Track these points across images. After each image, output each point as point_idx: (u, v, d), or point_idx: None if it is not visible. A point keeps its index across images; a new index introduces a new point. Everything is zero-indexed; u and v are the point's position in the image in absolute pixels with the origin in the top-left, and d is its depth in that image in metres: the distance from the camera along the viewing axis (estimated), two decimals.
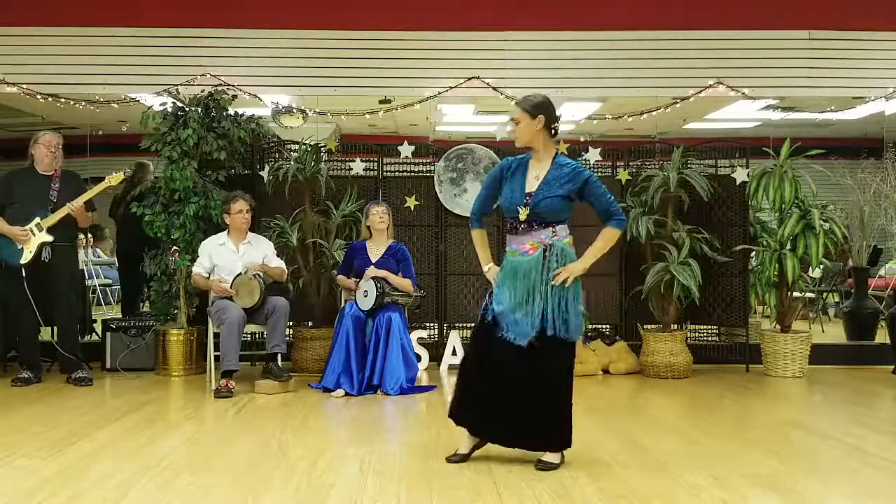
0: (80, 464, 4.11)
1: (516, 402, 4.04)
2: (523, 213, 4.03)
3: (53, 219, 6.22)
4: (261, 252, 6.39)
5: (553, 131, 4.11)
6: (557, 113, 4.12)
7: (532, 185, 4.07)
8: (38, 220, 6.21)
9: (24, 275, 6.18)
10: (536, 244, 4.04)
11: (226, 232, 6.40)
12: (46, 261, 6.22)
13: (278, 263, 6.42)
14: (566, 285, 4.00)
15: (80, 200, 6.25)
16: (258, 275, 6.13)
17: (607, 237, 4.12)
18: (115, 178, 6.42)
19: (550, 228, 4.04)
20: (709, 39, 7.50)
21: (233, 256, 6.31)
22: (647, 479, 3.89)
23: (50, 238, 6.22)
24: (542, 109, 4.05)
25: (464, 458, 4.15)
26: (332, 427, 5.32)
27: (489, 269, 4.24)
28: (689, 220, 6.96)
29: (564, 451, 4.11)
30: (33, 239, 6.20)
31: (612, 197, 4.12)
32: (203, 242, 6.43)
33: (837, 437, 4.83)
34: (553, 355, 4.04)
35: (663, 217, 6.91)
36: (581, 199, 4.09)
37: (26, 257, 6.19)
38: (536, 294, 4.00)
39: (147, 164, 7.78)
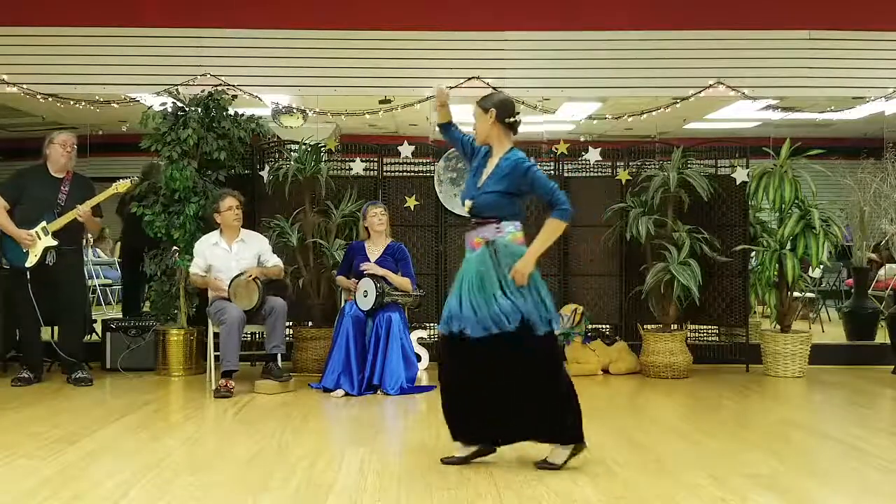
0: (80, 464, 4.11)
1: (508, 400, 3.98)
2: (467, 206, 4.10)
3: (60, 223, 6.21)
4: (255, 250, 6.36)
5: (509, 126, 4.09)
6: (517, 110, 4.12)
7: (482, 180, 4.09)
8: (44, 223, 6.20)
9: (28, 277, 6.18)
10: (481, 240, 4.02)
11: (218, 231, 6.38)
12: (51, 264, 6.21)
13: (275, 262, 6.41)
14: (526, 284, 3.94)
15: (87, 205, 6.23)
16: (257, 278, 6.12)
17: (550, 228, 3.99)
18: (122, 186, 6.38)
19: (494, 225, 4.00)
20: (709, 39, 7.49)
21: (226, 255, 6.29)
22: (647, 480, 3.89)
23: (55, 242, 6.20)
24: (494, 104, 4.09)
25: (462, 461, 4.10)
26: (332, 427, 5.32)
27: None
28: (689, 220, 6.96)
29: (571, 456, 4.02)
30: (39, 243, 6.19)
31: (556, 185, 4.03)
32: (197, 243, 6.41)
33: (837, 437, 4.83)
34: (528, 347, 3.93)
35: (663, 217, 6.91)
36: (527, 191, 4.04)
37: (31, 261, 6.18)
38: (490, 289, 3.91)
39: (158, 164, 7.75)
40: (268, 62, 7.44)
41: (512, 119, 4.08)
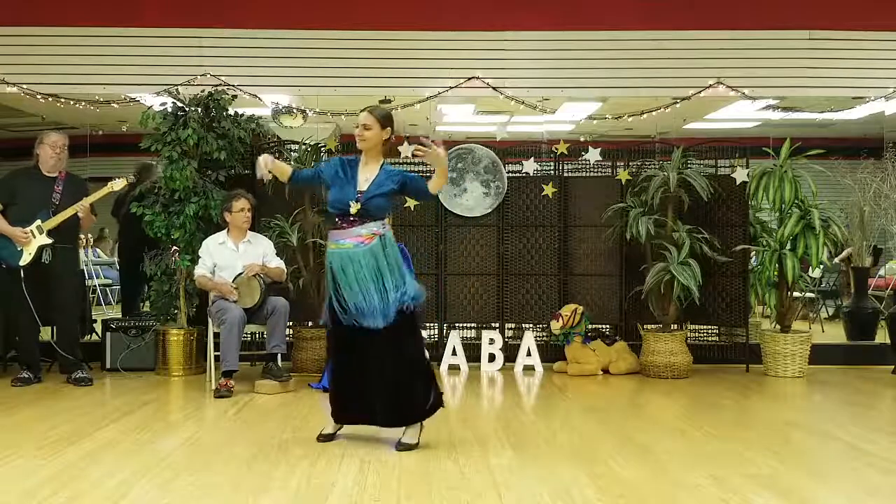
0: (80, 464, 4.11)
1: (386, 381, 4.37)
2: (354, 208, 4.33)
3: (55, 221, 6.21)
4: (260, 250, 6.39)
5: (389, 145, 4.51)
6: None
7: (363, 185, 4.40)
8: (39, 222, 6.20)
9: (22, 275, 6.18)
10: (372, 235, 4.37)
11: (225, 231, 6.40)
12: (46, 263, 6.22)
13: (278, 263, 6.43)
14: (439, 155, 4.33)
15: (87, 201, 6.24)
16: (259, 275, 6.13)
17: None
18: (117, 184, 6.39)
19: (380, 221, 4.40)
20: (709, 39, 7.50)
21: (233, 255, 6.31)
22: (647, 479, 3.89)
23: (50, 241, 6.20)
24: (391, 123, 4.46)
25: (330, 437, 4.56)
26: None
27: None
28: (689, 220, 6.96)
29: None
30: (33, 241, 6.19)
31: None
32: (203, 242, 6.42)
33: (837, 437, 4.83)
34: (406, 329, 4.39)
35: (663, 217, 6.91)
36: (403, 192, 4.51)
37: (25, 259, 6.18)
38: (384, 276, 4.34)
39: (152, 164, 7.76)
40: (268, 62, 7.45)
41: (393, 139, 4.52)
